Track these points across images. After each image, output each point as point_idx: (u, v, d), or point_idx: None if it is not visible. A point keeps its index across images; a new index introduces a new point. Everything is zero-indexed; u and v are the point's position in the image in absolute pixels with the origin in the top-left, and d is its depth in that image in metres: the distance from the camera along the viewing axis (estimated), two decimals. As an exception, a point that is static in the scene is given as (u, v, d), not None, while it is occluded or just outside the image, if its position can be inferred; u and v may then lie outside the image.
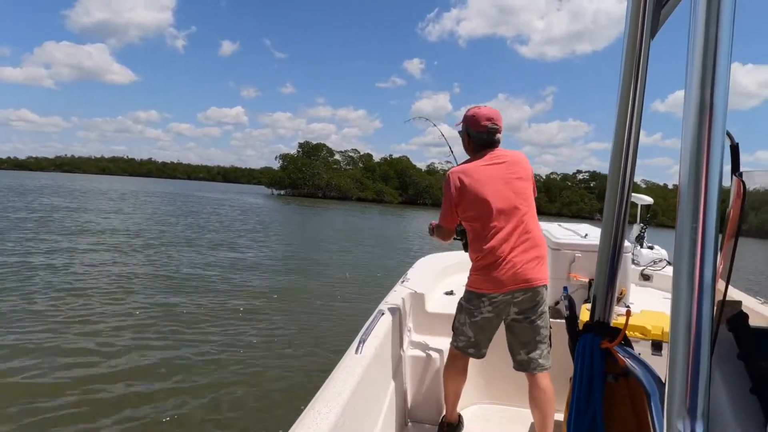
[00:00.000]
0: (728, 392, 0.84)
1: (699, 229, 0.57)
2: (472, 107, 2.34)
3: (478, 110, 2.31)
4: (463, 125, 2.37)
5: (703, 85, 0.57)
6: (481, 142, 2.30)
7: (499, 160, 2.26)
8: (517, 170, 2.25)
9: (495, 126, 2.28)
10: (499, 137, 2.31)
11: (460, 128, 2.40)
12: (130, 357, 5.04)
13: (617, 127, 1.04)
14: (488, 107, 2.32)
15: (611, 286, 1.12)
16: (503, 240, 2.16)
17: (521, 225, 2.19)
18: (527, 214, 2.21)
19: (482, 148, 2.31)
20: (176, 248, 12.74)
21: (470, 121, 2.31)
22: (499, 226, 2.17)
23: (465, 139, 2.38)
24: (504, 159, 2.26)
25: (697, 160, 0.58)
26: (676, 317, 0.60)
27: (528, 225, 2.21)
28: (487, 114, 2.28)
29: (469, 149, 2.39)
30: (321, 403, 1.44)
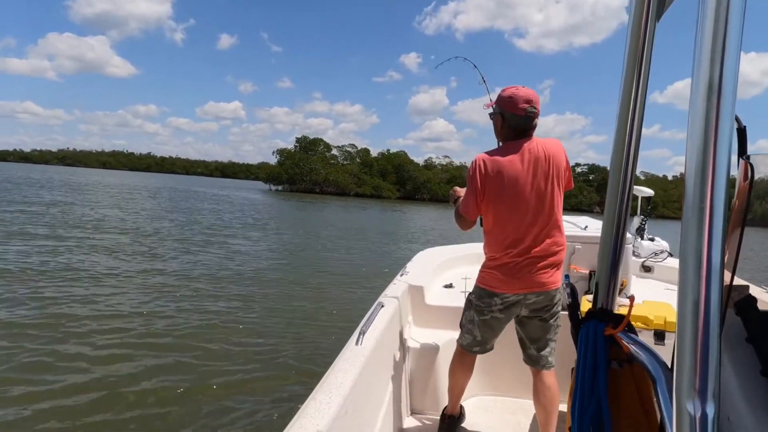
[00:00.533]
0: (738, 375, 0.84)
1: (707, 211, 0.57)
2: (509, 87, 2.12)
3: (516, 90, 2.08)
4: (497, 107, 2.14)
5: (712, 66, 0.56)
6: (517, 127, 2.09)
7: (532, 153, 2.05)
8: (549, 167, 2.05)
9: (534, 110, 2.06)
10: (536, 123, 2.10)
11: (492, 110, 2.19)
12: (137, 347, 5.13)
13: (620, 116, 1.03)
14: (527, 88, 2.10)
15: (614, 275, 1.12)
16: (524, 242, 2.05)
17: (545, 228, 2.06)
18: (552, 217, 2.08)
19: (517, 134, 2.10)
20: (181, 243, 12.76)
21: (506, 103, 2.08)
22: (521, 227, 2.05)
23: (498, 122, 2.15)
24: (538, 152, 2.05)
25: (704, 143, 0.57)
26: (684, 300, 0.59)
27: (551, 229, 2.08)
28: (526, 95, 2.06)
29: (501, 134, 2.17)
30: (322, 393, 1.45)
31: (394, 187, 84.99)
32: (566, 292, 1.29)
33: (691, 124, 0.58)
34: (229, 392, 4.27)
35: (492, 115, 2.19)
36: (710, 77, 0.56)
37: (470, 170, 2.12)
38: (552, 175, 2.05)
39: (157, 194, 37.69)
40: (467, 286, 2.66)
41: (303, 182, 78.98)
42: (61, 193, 29.70)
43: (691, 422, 0.56)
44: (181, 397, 4.14)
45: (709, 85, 0.56)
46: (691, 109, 0.58)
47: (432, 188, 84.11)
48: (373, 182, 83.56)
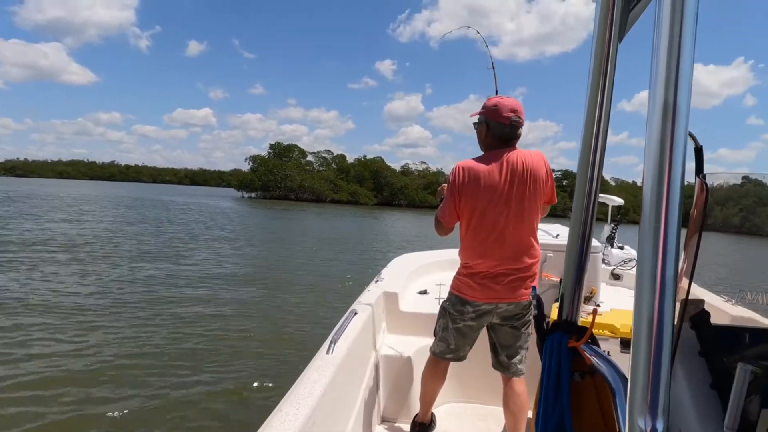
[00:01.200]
0: (690, 388, 0.87)
1: (661, 228, 0.58)
2: (494, 97, 2.19)
3: (501, 100, 2.14)
4: (482, 116, 2.17)
5: (667, 86, 0.58)
6: (501, 136, 2.12)
7: (510, 164, 2.07)
8: (527, 178, 2.06)
9: (518, 119, 2.11)
10: (521, 132, 2.15)
11: (477, 119, 2.22)
12: (92, 368, 4.79)
13: (585, 129, 1.04)
14: (511, 98, 2.15)
15: (578, 286, 1.12)
16: (498, 252, 2.08)
17: (520, 239, 2.08)
18: (527, 228, 2.10)
19: (501, 143, 2.13)
20: (141, 256, 11.71)
21: (492, 112, 2.12)
22: (496, 236, 2.08)
23: (483, 130, 2.17)
24: (517, 164, 2.07)
25: (660, 159, 0.58)
26: (639, 317, 0.60)
27: (525, 240, 2.10)
28: (511, 105, 2.11)
29: (485, 143, 2.19)
30: (289, 404, 1.42)
31: (371, 194, 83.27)
32: (533, 303, 1.26)
33: (648, 143, 0.60)
34: (192, 406, 4.09)
35: (476, 124, 2.22)
36: (665, 98, 0.58)
37: (450, 176, 2.15)
38: (530, 187, 2.07)
39: (117, 204, 34.80)
40: (442, 292, 2.70)
41: (277, 189, 76.39)
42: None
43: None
44: (139, 412, 3.95)
45: (664, 105, 0.58)
46: (648, 128, 0.60)
47: (409, 194, 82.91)
48: (350, 188, 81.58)
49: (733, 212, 1.00)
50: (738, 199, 1.00)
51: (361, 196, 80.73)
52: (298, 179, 77.20)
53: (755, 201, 1.01)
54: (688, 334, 0.92)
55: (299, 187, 76.91)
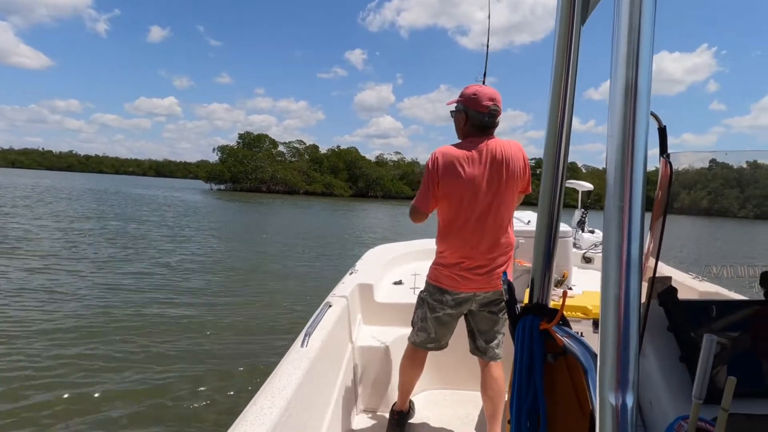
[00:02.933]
0: (659, 363, 0.91)
1: (626, 208, 0.59)
2: (472, 85, 2.17)
3: (480, 88, 2.13)
4: (461, 104, 2.15)
5: (627, 68, 0.58)
6: (480, 124, 2.11)
7: (489, 152, 2.07)
8: (504, 167, 2.07)
9: (497, 108, 2.11)
10: (498, 121, 2.15)
11: (455, 107, 2.20)
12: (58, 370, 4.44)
13: (551, 114, 1.05)
14: (490, 87, 2.15)
15: (548, 270, 1.13)
16: (474, 241, 2.08)
17: (496, 228, 2.09)
18: (503, 216, 2.11)
19: (479, 131, 2.12)
20: (97, 252, 10.64)
21: (471, 101, 2.10)
22: (473, 226, 2.07)
23: (461, 119, 2.15)
24: (495, 152, 2.07)
25: (623, 141, 0.59)
26: (606, 297, 0.61)
27: (501, 229, 2.11)
28: (490, 94, 2.10)
29: (463, 131, 2.16)
30: (264, 398, 1.41)
31: (346, 185, 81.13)
32: (504, 289, 1.28)
33: (610, 125, 0.61)
34: (164, 403, 3.95)
35: (454, 112, 2.21)
36: (626, 78, 0.58)
37: (427, 163, 2.13)
38: (506, 176, 2.07)
39: (72, 196, 31.61)
40: (417, 282, 2.78)
41: (248, 180, 73.25)
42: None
43: (613, 411, 0.60)
44: (108, 405, 3.85)
45: (626, 86, 0.59)
46: (610, 110, 0.61)
47: (385, 185, 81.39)
48: (324, 180, 79.13)
49: (702, 195, 1.04)
50: (706, 182, 1.03)
51: (336, 187, 78.54)
52: (269, 170, 74.27)
53: (722, 183, 1.05)
54: (656, 311, 0.95)
55: (271, 178, 73.99)
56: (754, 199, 1.08)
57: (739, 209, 1.08)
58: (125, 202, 30.05)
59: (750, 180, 1.07)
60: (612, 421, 0.60)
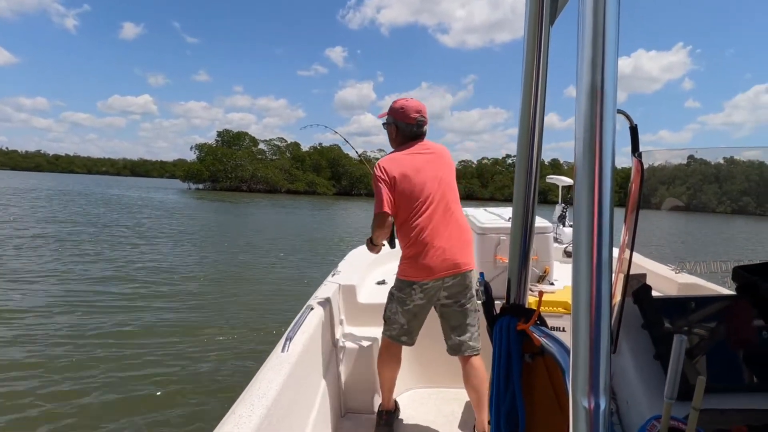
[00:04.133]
0: (635, 361, 0.92)
1: (594, 209, 0.58)
2: (399, 99, 2.34)
3: (406, 102, 2.31)
4: (391, 117, 2.33)
5: (593, 70, 0.58)
6: (410, 134, 2.30)
7: (426, 150, 2.29)
8: (443, 159, 2.31)
9: (423, 118, 2.31)
10: (426, 129, 2.34)
11: (385, 120, 2.37)
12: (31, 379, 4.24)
13: (522, 112, 1.05)
14: (415, 99, 2.32)
15: (524, 269, 1.12)
16: (431, 227, 2.20)
17: (448, 212, 2.23)
18: (454, 202, 2.28)
19: (410, 140, 2.31)
20: (74, 257, 9.84)
21: (399, 114, 2.30)
22: (427, 214, 2.20)
23: (393, 131, 2.34)
24: (433, 149, 2.31)
25: (590, 142, 0.58)
26: (577, 298, 0.60)
27: (454, 212, 2.26)
28: (416, 106, 2.30)
29: (396, 141, 2.36)
30: (243, 406, 1.37)
31: (330, 183, 79.25)
32: (480, 290, 1.25)
33: (577, 126, 0.60)
34: (140, 412, 3.80)
35: (386, 125, 2.39)
36: (592, 81, 0.58)
37: (375, 175, 2.24)
38: (445, 165, 2.31)
39: (42, 197, 29.15)
40: None
41: (227, 179, 70.70)
42: None
43: (586, 414, 0.59)
44: (82, 417, 3.69)
45: (591, 88, 0.58)
46: (577, 111, 0.60)
47: (369, 183, 79.23)
48: (307, 178, 77.14)
49: (681, 191, 1.06)
50: (685, 177, 1.05)
51: (319, 186, 76.66)
52: (250, 169, 71.84)
53: (701, 179, 1.07)
54: (631, 308, 0.96)
55: (252, 177, 71.58)
56: (731, 194, 1.10)
57: (718, 204, 1.10)
58: (94, 203, 27.80)
59: (727, 176, 1.09)
60: (585, 424, 0.59)
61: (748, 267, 0.98)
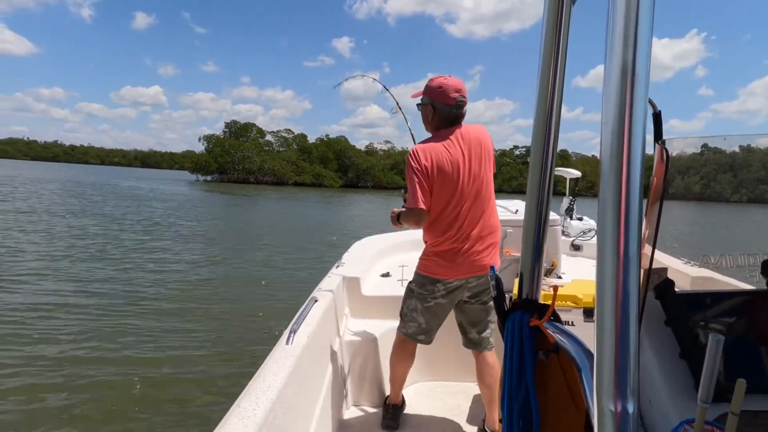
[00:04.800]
0: (658, 359, 0.87)
1: (622, 200, 0.55)
2: (437, 77, 2.15)
3: (445, 81, 2.11)
4: (427, 97, 2.14)
5: (625, 50, 0.54)
6: (449, 117, 2.12)
7: (465, 139, 2.11)
8: (480, 151, 2.13)
9: (463, 99, 2.12)
10: (465, 111, 2.15)
11: (420, 100, 2.19)
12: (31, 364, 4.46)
13: (539, 101, 0.98)
14: (454, 77, 2.14)
15: (537, 263, 1.07)
16: (465, 227, 2.11)
17: (483, 212, 2.13)
18: (489, 199, 2.17)
19: (448, 123, 2.13)
20: (88, 250, 10.35)
21: (436, 93, 2.10)
22: (461, 212, 2.10)
23: (429, 112, 2.16)
24: (470, 138, 2.12)
25: (619, 127, 0.55)
26: (602, 294, 0.56)
27: (489, 210, 2.16)
28: (456, 85, 2.11)
29: (431, 124, 2.18)
30: (248, 399, 1.36)
31: (336, 175, 79.80)
32: (492, 284, 1.19)
33: (605, 111, 0.56)
34: (146, 403, 3.91)
35: (420, 105, 2.19)
36: (623, 61, 0.54)
37: (410, 162, 2.10)
38: (484, 158, 2.13)
39: (62, 190, 30.31)
40: (405, 273, 2.71)
41: (235, 171, 71.65)
42: None
43: (612, 419, 0.56)
44: (89, 410, 3.79)
45: (623, 69, 0.54)
46: (605, 94, 0.56)
47: (376, 175, 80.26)
48: (314, 170, 77.71)
49: (695, 180, 1.02)
50: (699, 167, 1.02)
51: (326, 178, 77.20)
52: (257, 161, 72.68)
53: (715, 168, 1.03)
54: (652, 304, 0.91)
55: (259, 169, 72.41)
56: (747, 183, 1.06)
57: (732, 194, 1.06)
58: (110, 196, 28.86)
59: (743, 164, 1.05)
60: (612, 429, 0.56)
61: None
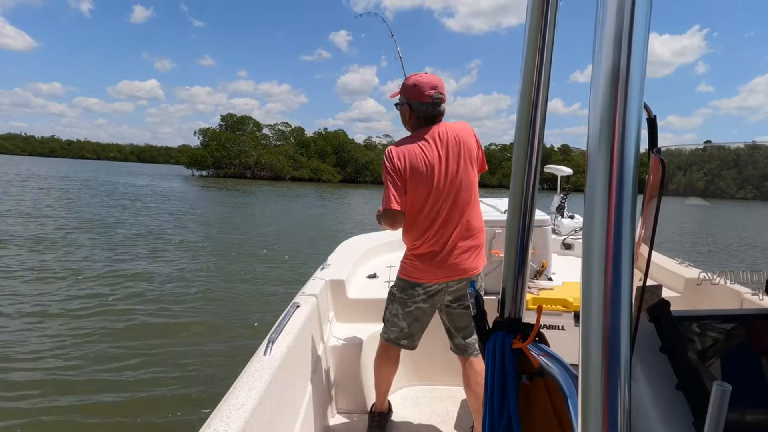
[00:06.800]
0: (652, 391, 0.79)
1: (610, 230, 0.46)
2: (413, 75, 2.09)
3: (420, 78, 2.05)
4: (403, 96, 2.09)
5: (616, 49, 0.45)
6: (426, 115, 2.06)
7: (443, 138, 2.04)
8: (460, 150, 2.04)
9: (440, 95, 2.05)
10: (444, 108, 2.08)
11: (398, 99, 2.14)
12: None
13: (522, 95, 0.90)
14: (430, 74, 2.07)
15: (520, 278, 0.97)
16: (444, 229, 2.05)
17: (464, 213, 2.07)
18: (470, 200, 2.09)
19: (426, 122, 2.07)
20: (79, 251, 9.66)
21: (412, 92, 2.04)
22: (441, 214, 2.04)
23: (406, 112, 2.10)
24: (449, 136, 2.04)
25: (608, 138, 0.46)
26: (588, 314, 0.49)
27: (470, 211, 2.09)
28: (431, 82, 2.04)
29: (410, 124, 2.12)
30: (219, 419, 1.26)
31: (335, 170, 78.57)
32: (471, 302, 1.10)
33: (592, 120, 0.47)
34: (111, 422, 3.64)
35: (398, 105, 2.15)
36: (614, 62, 0.46)
37: (384, 162, 2.06)
38: (465, 158, 2.05)
39: (56, 187, 29.08)
40: (392, 274, 2.62)
41: (232, 166, 70.28)
42: None
43: None
44: (43, 424, 3.54)
45: (613, 70, 0.46)
46: (592, 99, 0.47)
47: (375, 170, 78.94)
48: (312, 165, 76.39)
49: (698, 177, 0.97)
50: (702, 163, 0.97)
51: (324, 172, 76.01)
52: (254, 155, 71.31)
53: (719, 164, 0.99)
54: (645, 327, 0.84)
55: (256, 163, 71.07)
56: (753, 180, 1.02)
57: (737, 191, 1.02)
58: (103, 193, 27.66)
59: (748, 161, 1.01)
60: None
61: None
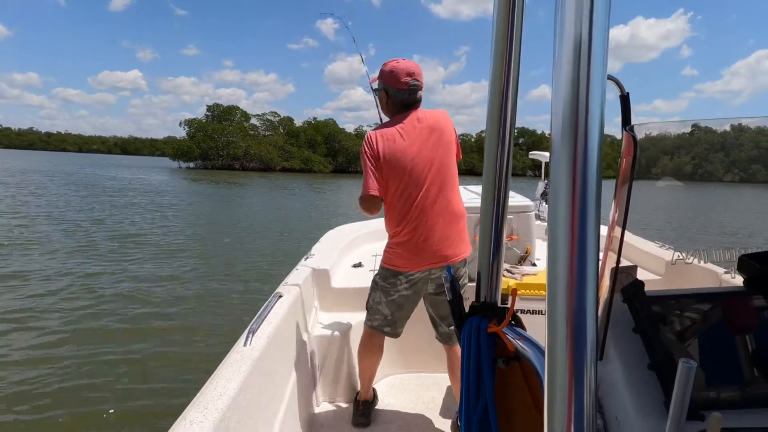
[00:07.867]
0: (625, 371, 0.80)
1: (575, 208, 0.46)
2: (390, 61, 2.08)
3: (396, 64, 2.05)
4: (380, 82, 2.11)
5: (578, 21, 0.44)
6: (402, 102, 2.06)
7: (421, 123, 2.05)
8: (440, 135, 2.05)
9: (416, 82, 2.05)
10: (421, 95, 2.09)
11: (376, 86, 2.17)
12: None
13: (493, 76, 0.87)
14: (407, 60, 2.07)
15: (496, 262, 0.95)
16: (424, 215, 2.04)
17: (443, 198, 2.06)
18: (450, 185, 2.08)
19: (402, 108, 2.08)
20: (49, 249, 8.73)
21: (389, 78, 2.05)
22: (420, 199, 2.03)
23: (383, 98, 2.12)
24: (427, 122, 2.05)
25: (572, 110, 0.45)
26: (554, 295, 0.47)
27: (450, 197, 2.08)
28: (407, 68, 2.03)
29: (387, 110, 2.14)
30: (195, 410, 1.23)
31: (326, 160, 76.88)
32: (446, 287, 1.09)
33: (555, 95, 0.46)
34: (86, 416, 3.59)
35: (376, 91, 2.18)
36: (576, 35, 0.45)
37: (363, 148, 2.06)
38: (443, 143, 2.05)
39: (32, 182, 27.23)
40: (377, 263, 2.59)
41: (219, 157, 68.29)
42: None
43: None
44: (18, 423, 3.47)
45: (576, 43, 0.45)
46: (555, 71, 0.46)
47: (366, 160, 77.45)
48: (302, 155, 74.63)
49: (685, 160, 0.97)
50: (690, 147, 0.97)
51: (316, 163, 74.33)
52: (242, 146, 69.32)
53: (707, 148, 0.99)
54: (620, 307, 0.84)
55: (245, 154, 69.13)
56: (739, 163, 1.02)
57: (725, 173, 1.03)
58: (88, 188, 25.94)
59: (734, 144, 1.01)
60: None
61: (757, 255, 0.84)
